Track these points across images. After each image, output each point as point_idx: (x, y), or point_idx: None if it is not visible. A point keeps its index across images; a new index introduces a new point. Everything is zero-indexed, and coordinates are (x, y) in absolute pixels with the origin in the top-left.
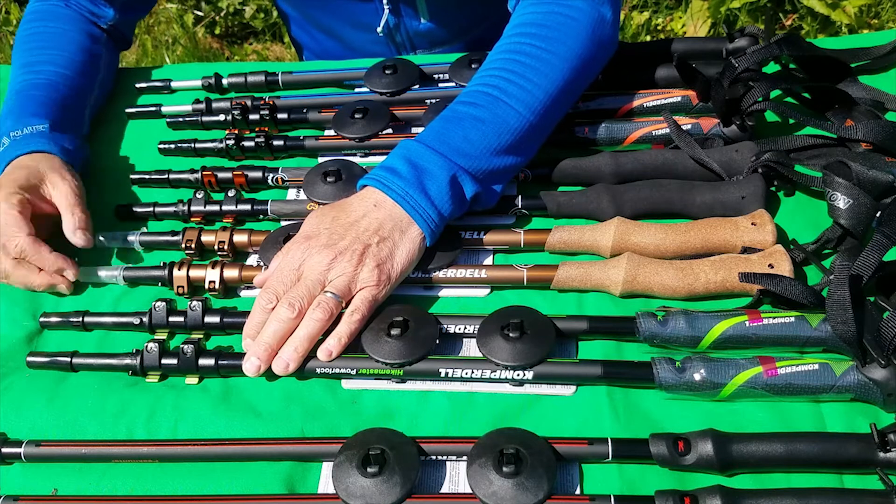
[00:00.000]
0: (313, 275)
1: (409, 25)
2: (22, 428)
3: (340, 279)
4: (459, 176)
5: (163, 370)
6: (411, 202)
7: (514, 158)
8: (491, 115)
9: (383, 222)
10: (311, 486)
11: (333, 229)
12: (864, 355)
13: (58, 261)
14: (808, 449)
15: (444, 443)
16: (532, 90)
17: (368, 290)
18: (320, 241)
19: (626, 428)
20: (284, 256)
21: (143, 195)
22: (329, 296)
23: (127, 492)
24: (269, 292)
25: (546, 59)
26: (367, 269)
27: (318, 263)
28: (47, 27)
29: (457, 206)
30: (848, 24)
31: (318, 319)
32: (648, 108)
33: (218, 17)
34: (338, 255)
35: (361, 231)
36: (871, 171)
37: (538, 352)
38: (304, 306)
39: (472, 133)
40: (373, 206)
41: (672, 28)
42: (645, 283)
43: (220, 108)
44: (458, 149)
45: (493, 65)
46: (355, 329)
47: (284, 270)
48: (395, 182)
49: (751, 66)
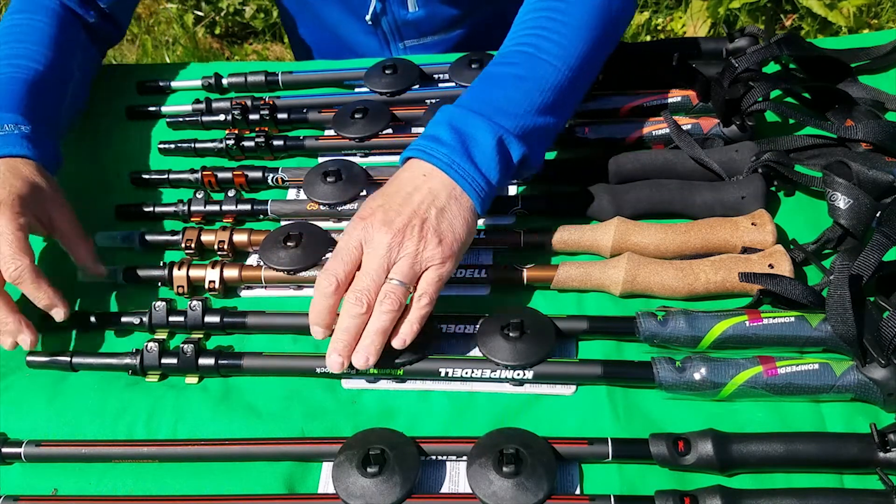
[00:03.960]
0: (376, 259)
1: (397, 13)
2: (22, 428)
3: (404, 261)
4: (505, 138)
5: (163, 370)
6: (459, 170)
7: (555, 118)
8: (530, 73)
9: (437, 192)
10: (311, 486)
11: (388, 206)
12: (864, 355)
13: (53, 298)
14: (808, 449)
15: (444, 443)
16: (566, 45)
17: (434, 269)
18: (376, 218)
19: (626, 428)
20: (342, 239)
21: (143, 195)
22: (395, 284)
23: (127, 492)
24: (328, 274)
25: (575, 14)
26: (430, 247)
27: (379, 244)
28: (28, 20)
29: (504, 171)
30: (846, 24)
31: (388, 311)
32: (648, 108)
33: (218, 17)
34: (396, 233)
35: (417, 204)
36: (871, 171)
37: (538, 352)
38: (372, 298)
39: (514, 92)
40: (422, 177)
41: (672, 28)
42: (645, 283)
43: (220, 108)
44: (501, 108)
45: (522, 27)
46: (426, 313)
47: (342, 253)
48: (440, 150)
49: (751, 66)
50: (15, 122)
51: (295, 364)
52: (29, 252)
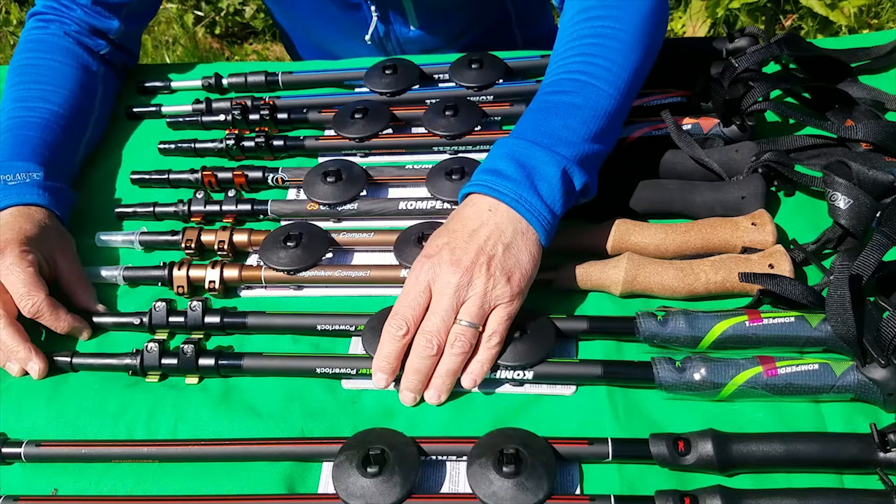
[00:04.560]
0: (445, 300)
1: (398, 32)
2: (22, 428)
3: (472, 301)
4: (569, 168)
5: (163, 370)
6: (525, 205)
7: (606, 144)
8: (584, 100)
9: (503, 227)
10: (311, 486)
11: (455, 244)
12: (864, 355)
13: (74, 322)
14: (808, 449)
15: (444, 443)
16: (616, 71)
17: (503, 307)
18: (443, 257)
19: (626, 428)
20: (409, 279)
21: (143, 195)
22: (465, 325)
23: (127, 492)
24: (398, 319)
25: (621, 38)
26: (499, 285)
27: (447, 284)
28: (42, 59)
29: (567, 201)
30: (847, 24)
31: (458, 354)
32: (648, 108)
33: (218, 17)
34: (464, 271)
35: (483, 241)
36: (871, 171)
37: (538, 352)
38: (443, 341)
39: (572, 120)
40: (488, 212)
41: (672, 28)
42: (645, 283)
43: (220, 108)
44: (561, 138)
45: (570, 52)
46: (496, 353)
47: (411, 294)
48: (505, 185)
49: (751, 66)
50: (27, 170)
51: (295, 364)
52: (42, 286)
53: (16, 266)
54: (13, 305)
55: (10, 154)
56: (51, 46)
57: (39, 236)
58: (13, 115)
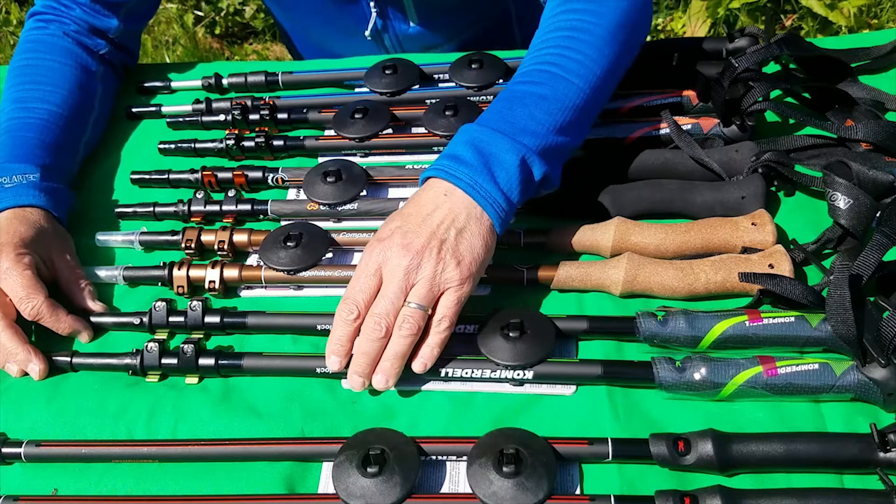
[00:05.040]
0: (394, 283)
1: (398, 29)
2: (22, 428)
3: (422, 284)
4: (528, 157)
5: (163, 370)
6: (480, 191)
7: (574, 137)
8: (553, 92)
9: (457, 212)
10: (311, 486)
11: (407, 227)
12: (864, 355)
13: (75, 323)
14: (808, 449)
15: (444, 443)
16: (588, 64)
17: (452, 291)
18: (394, 241)
19: (626, 428)
20: (360, 263)
21: (143, 195)
22: (413, 307)
23: (127, 492)
24: (349, 303)
25: (597, 33)
26: (449, 269)
27: (396, 267)
28: (42, 60)
29: (525, 190)
30: (847, 24)
31: (406, 336)
32: (648, 108)
33: (218, 17)
34: (414, 254)
35: (436, 225)
36: (871, 171)
37: (538, 351)
38: (391, 323)
39: (537, 111)
40: (443, 196)
41: (672, 28)
42: (645, 283)
43: (220, 108)
44: (524, 128)
45: (545, 43)
46: (445, 337)
47: (362, 278)
48: (461, 170)
49: (751, 66)
50: (24, 171)
51: (295, 364)
52: (41, 289)
53: (13, 269)
54: (12, 308)
55: (7, 156)
56: (50, 47)
57: (36, 238)
58: (12, 115)
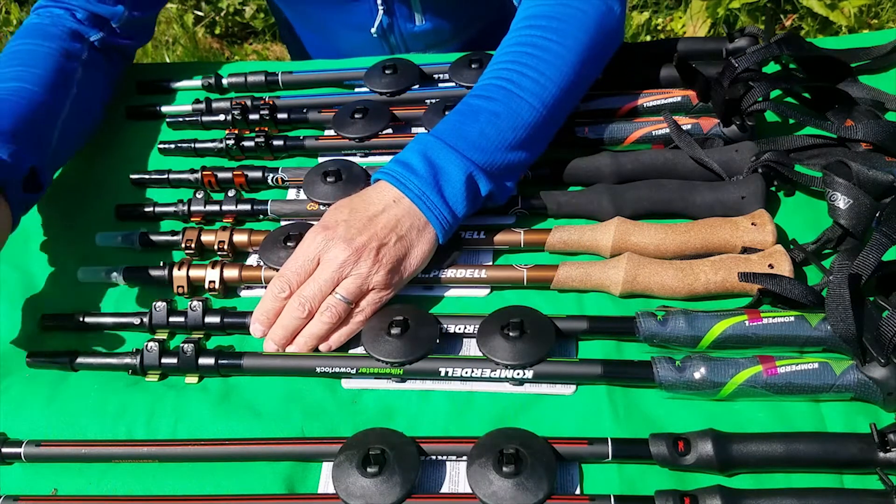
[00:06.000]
0: (327, 272)
1: (403, 27)
2: (22, 428)
3: (352, 280)
4: (475, 174)
5: (163, 369)
6: (427, 203)
7: (526, 154)
8: (506, 109)
9: (401, 220)
10: (311, 486)
11: (351, 222)
12: (864, 354)
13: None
14: (808, 449)
15: (444, 443)
16: (545, 83)
17: (376, 292)
18: (338, 233)
19: (626, 428)
20: (301, 245)
21: (143, 195)
22: (338, 299)
23: (127, 492)
24: (282, 281)
25: (557, 52)
26: (381, 273)
27: (333, 259)
28: (23, 45)
29: (471, 205)
30: (847, 24)
31: (326, 323)
32: (648, 108)
33: (218, 17)
34: (354, 251)
35: (380, 228)
36: (871, 171)
37: (538, 351)
38: (315, 307)
39: (488, 128)
40: (392, 202)
41: (672, 28)
42: (645, 283)
43: (220, 108)
44: (474, 144)
45: (505, 57)
46: (357, 328)
47: (300, 260)
48: (412, 180)
49: (751, 66)
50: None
51: (295, 364)
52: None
53: None
54: None
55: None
56: (31, 31)
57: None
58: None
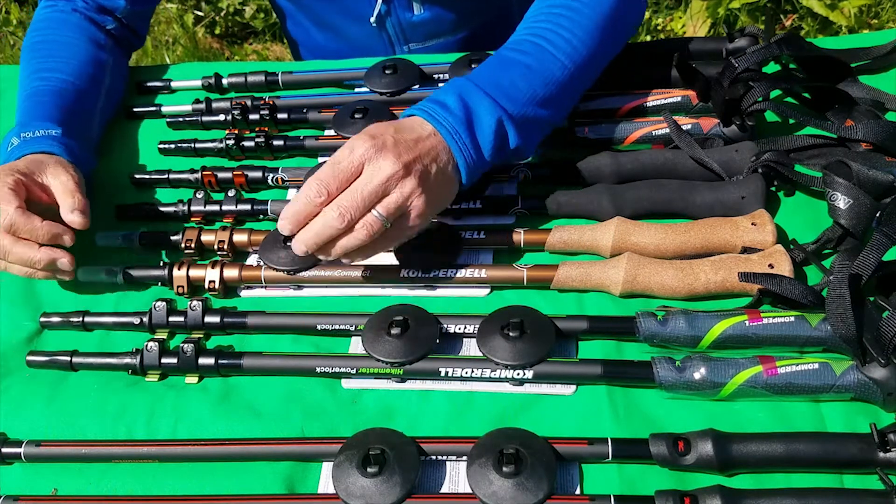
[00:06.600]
0: (373, 184)
1: (401, 16)
2: (22, 428)
3: (395, 197)
4: (505, 122)
5: (163, 369)
6: (458, 140)
7: (552, 112)
8: (538, 64)
9: (441, 151)
10: (311, 486)
11: (400, 137)
12: (864, 355)
13: (52, 228)
14: (808, 449)
15: (444, 443)
16: (576, 44)
17: (413, 216)
18: (387, 142)
19: (626, 428)
20: (344, 149)
21: (143, 195)
22: (376, 217)
23: (127, 492)
24: (321, 184)
25: (589, 16)
26: (423, 197)
27: (381, 169)
28: (53, 35)
29: (497, 151)
30: (847, 24)
31: (361, 239)
32: (648, 108)
33: (218, 17)
34: (403, 166)
35: (425, 151)
36: (871, 171)
37: (538, 351)
38: (355, 218)
39: (520, 80)
40: (431, 133)
41: (672, 28)
42: (645, 283)
43: (220, 108)
44: (506, 93)
45: (539, 16)
46: (385, 248)
47: (343, 163)
48: (446, 118)
49: (751, 66)
50: (45, 127)
51: (295, 364)
52: (14, 199)
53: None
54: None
55: (31, 116)
56: (59, 23)
57: (29, 164)
58: (30, 85)
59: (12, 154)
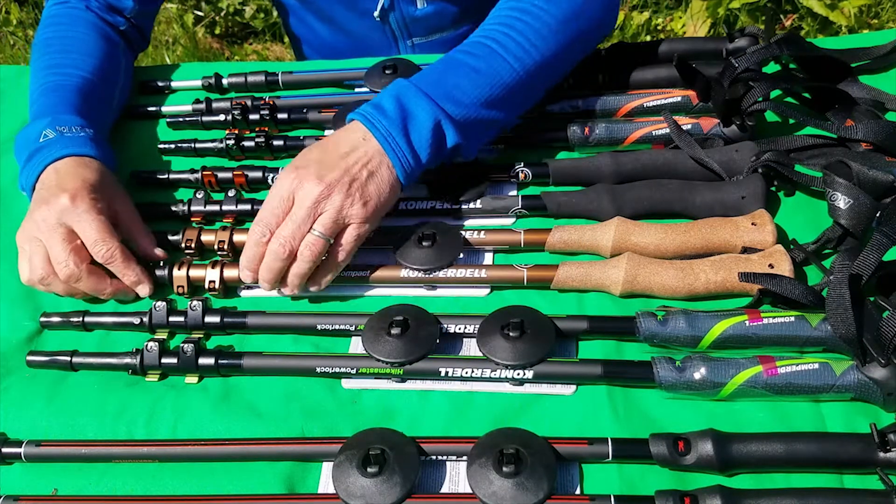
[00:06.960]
0: (302, 209)
1: (405, 10)
2: (22, 428)
3: (328, 215)
4: (443, 123)
5: (163, 369)
6: (392, 144)
7: (500, 114)
8: (486, 66)
9: (372, 156)
10: (311, 486)
11: (324, 160)
12: (864, 355)
13: (141, 275)
14: (808, 449)
15: (444, 443)
16: (528, 49)
17: (354, 227)
18: (310, 171)
19: (626, 428)
20: (274, 187)
21: (144, 195)
22: (317, 236)
23: (127, 492)
24: (261, 225)
25: (546, 22)
26: (356, 206)
27: (307, 195)
28: (70, 31)
29: (435, 153)
30: (847, 24)
31: (308, 261)
32: (648, 108)
33: (218, 17)
34: (327, 186)
35: (351, 164)
36: (871, 171)
37: (538, 351)
38: (296, 246)
39: (465, 81)
40: (361, 140)
41: (672, 28)
42: (645, 283)
43: (220, 108)
44: (448, 95)
45: (495, 19)
46: (341, 265)
47: (275, 202)
48: (381, 121)
49: (751, 66)
50: (80, 124)
51: (295, 364)
52: (115, 234)
53: (88, 213)
54: (86, 252)
55: (61, 109)
56: (74, 19)
57: (101, 185)
58: (48, 79)
59: (52, 149)
